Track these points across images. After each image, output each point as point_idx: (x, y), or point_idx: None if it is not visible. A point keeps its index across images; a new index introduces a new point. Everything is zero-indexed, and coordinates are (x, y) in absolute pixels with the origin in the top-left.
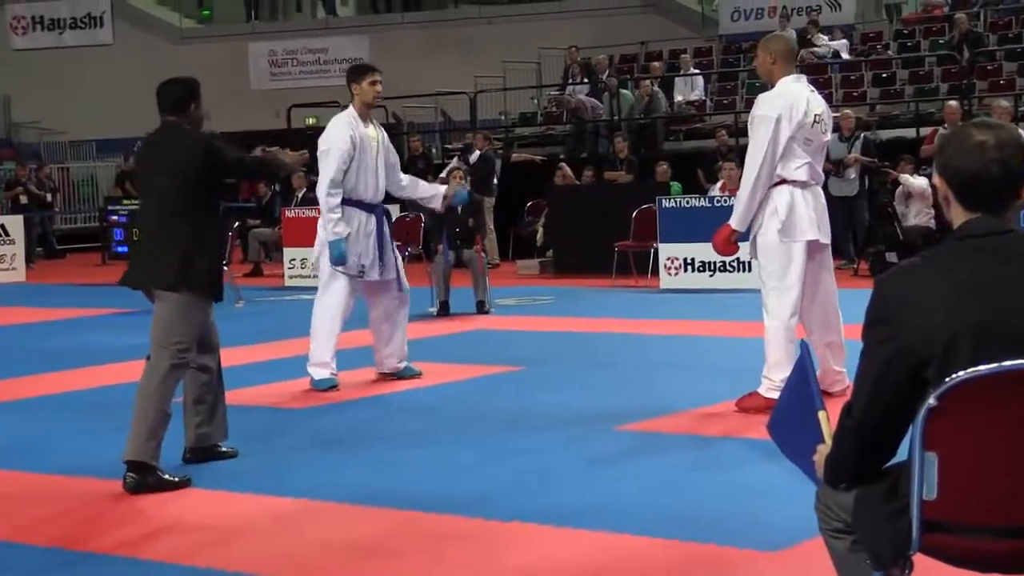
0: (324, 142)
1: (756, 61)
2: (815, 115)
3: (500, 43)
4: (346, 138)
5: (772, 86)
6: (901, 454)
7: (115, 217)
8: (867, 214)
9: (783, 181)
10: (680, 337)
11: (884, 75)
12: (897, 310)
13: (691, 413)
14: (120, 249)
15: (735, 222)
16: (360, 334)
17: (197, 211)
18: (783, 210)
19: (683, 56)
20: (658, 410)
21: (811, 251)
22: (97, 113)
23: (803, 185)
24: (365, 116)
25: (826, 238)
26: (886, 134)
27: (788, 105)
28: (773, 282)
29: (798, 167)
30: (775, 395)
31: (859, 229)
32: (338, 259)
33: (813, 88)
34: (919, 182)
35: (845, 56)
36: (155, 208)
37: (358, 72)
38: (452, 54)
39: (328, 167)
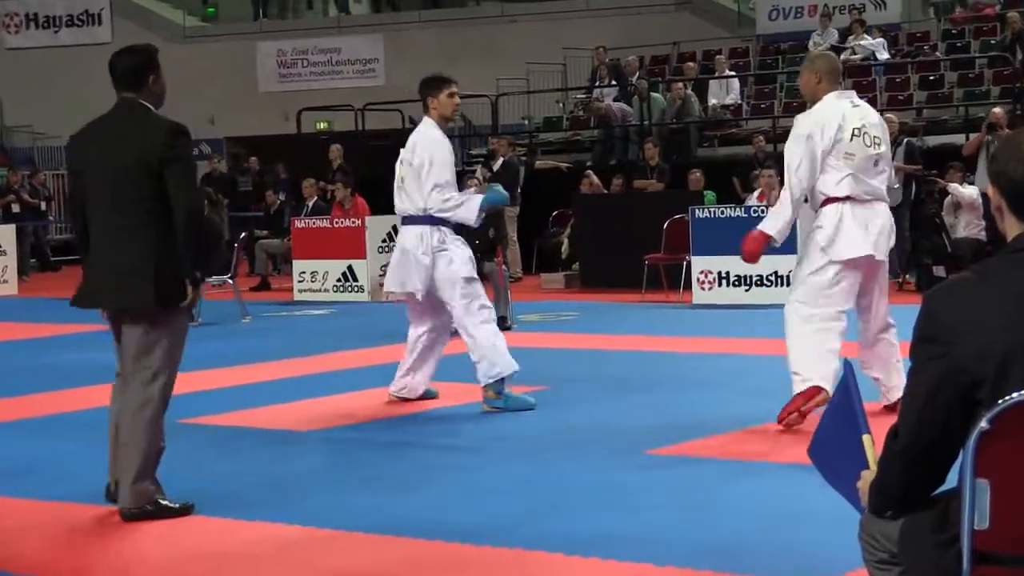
0: (425, 152)
1: (800, 81)
2: (853, 129)
3: (523, 43)
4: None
5: (812, 104)
6: (951, 481)
7: None
8: (908, 224)
9: (828, 200)
10: (714, 356)
11: (931, 77)
12: (948, 327)
13: (726, 436)
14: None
15: (772, 230)
16: (370, 352)
17: (162, 213)
18: (829, 227)
19: (718, 57)
20: (691, 433)
21: (863, 267)
22: (94, 116)
23: (850, 200)
24: (443, 131)
25: (881, 255)
26: (933, 140)
27: (819, 122)
28: (806, 283)
29: (839, 182)
30: (802, 386)
31: (903, 241)
32: (500, 198)
33: (859, 102)
34: (969, 191)
35: (883, 56)
36: (114, 209)
37: (435, 85)
38: (472, 55)
39: (438, 175)
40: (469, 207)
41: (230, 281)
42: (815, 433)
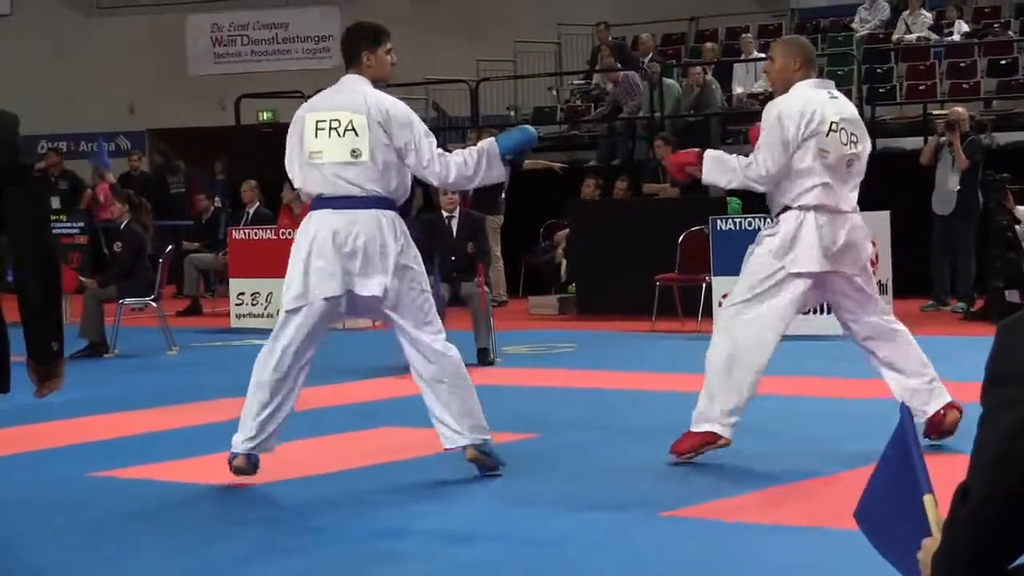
0: (396, 108)
1: (772, 65)
2: (832, 122)
3: (509, 19)
4: None
5: (783, 93)
6: None
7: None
8: (974, 239)
9: (787, 208)
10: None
11: (1003, 62)
12: None
13: (755, 495)
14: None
15: (707, 164)
16: (325, 391)
17: None
18: (786, 234)
19: (744, 36)
20: (713, 491)
21: (822, 286)
22: None
23: (816, 210)
24: None
25: (850, 269)
26: (1004, 137)
27: (796, 109)
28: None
29: (808, 189)
30: (706, 427)
31: (961, 259)
32: (526, 137)
33: (836, 93)
34: None
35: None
36: None
37: (374, 36)
38: (448, 32)
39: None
40: (494, 163)
41: (153, 304)
42: (864, 491)
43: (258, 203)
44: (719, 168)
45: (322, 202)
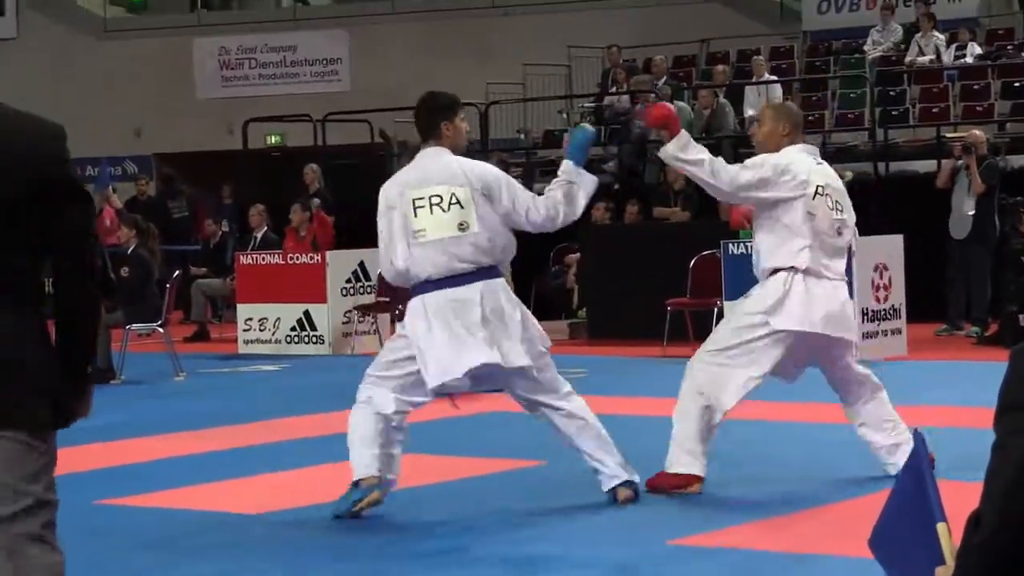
0: (485, 172)
1: (761, 128)
2: (818, 186)
3: (519, 41)
4: None
5: None
6: None
7: None
8: (988, 263)
9: (777, 270)
10: (751, 423)
11: (1016, 84)
12: None
13: (766, 523)
14: None
15: (676, 141)
16: (331, 418)
17: (32, 274)
18: (773, 292)
19: (756, 58)
20: (724, 519)
21: (807, 346)
22: None
23: (807, 272)
24: None
25: (839, 332)
26: (1018, 160)
27: (783, 163)
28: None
29: (798, 251)
30: (683, 469)
31: (976, 283)
32: (586, 135)
33: (821, 160)
34: None
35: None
36: None
37: (450, 106)
38: (457, 55)
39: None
40: (583, 178)
41: (160, 330)
42: (879, 520)
43: (266, 227)
44: (693, 147)
45: (430, 285)
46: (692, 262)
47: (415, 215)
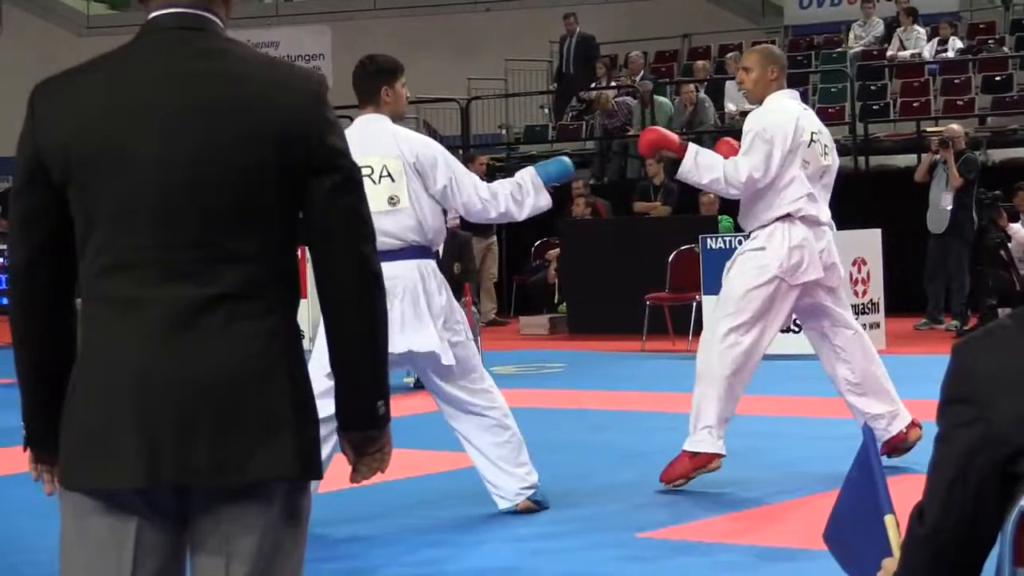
0: (429, 148)
1: (748, 75)
2: (811, 133)
3: (501, 35)
4: None
5: (758, 103)
6: (988, 571)
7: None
8: (967, 256)
9: (778, 218)
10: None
11: (997, 78)
12: (983, 386)
13: (733, 516)
14: (2, 301)
15: (688, 159)
16: None
17: (288, 269)
18: (779, 247)
19: (730, 55)
20: (693, 512)
21: (814, 293)
22: None
23: (805, 222)
24: None
25: (831, 280)
26: (998, 154)
27: (781, 123)
28: (731, 309)
29: (796, 199)
30: (704, 448)
31: (956, 277)
32: (565, 168)
33: (804, 104)
34: None
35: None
36: (180, 256)
37: (391, 71)
38: (439, 50)
39: (465, 169)
40: (541, 192)
41: None
42: (832, 513)
43: None
44: (704, 166)
45: None
46: (671, 256)
47: None
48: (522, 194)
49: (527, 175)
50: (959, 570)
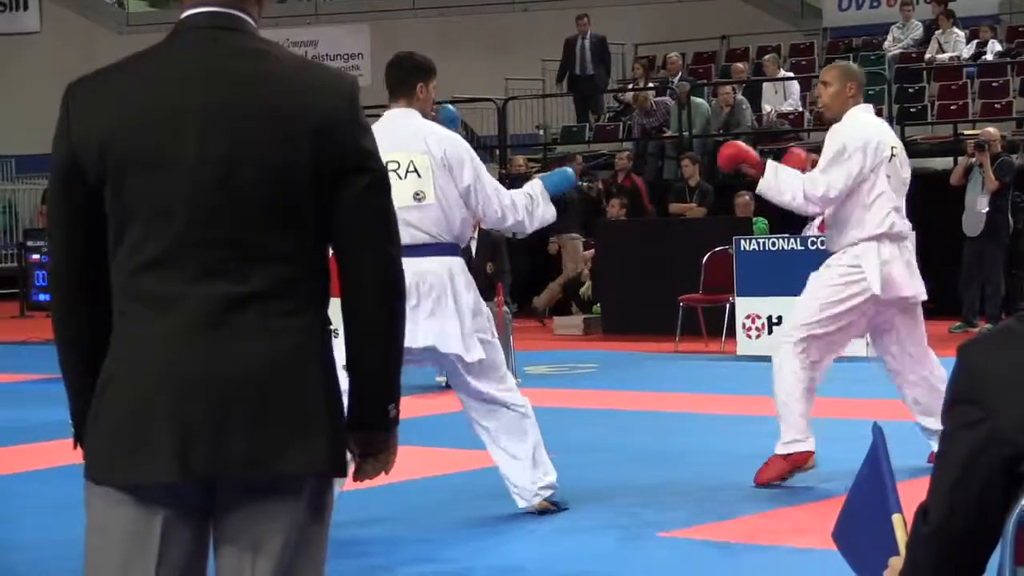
0: (457, 147)
1: (827, 90)
2: (891, 147)
3: (538, 36)
4: None
5: (836, 120)
6: (991, 570)
7: (37, 256)
8: (1002, 260)
9: (865, 239)
10: (761, 419)
11: None
12: (989, 387)
13: (756, 517)
14: (43, 297)
15: (768, 174)
16: None
17: (321, 270)
18: (871, 266)
19: (767, 57)
20: (715, 513)
21: (899, 310)
22: (18, 120)
23: (891, 239)
24: None
25: (913, 291)
26: None
27: (862, 139)
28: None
29: (885, 215)
30: (791, 449)
31: (991, 281)
32: (566, 179)
33: (882, 120)
34: None
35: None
36: (218, 254)
37: (428, 70)
38: (476, 50)
39: (488, 174)
40: (548, 204)
41: None
42: (840, 512)
43: None
44: (784, 182)
45: None
46: (705, 258)
47: None
48: (533, 205)
49: (536, 187)
50: (963, 568)
